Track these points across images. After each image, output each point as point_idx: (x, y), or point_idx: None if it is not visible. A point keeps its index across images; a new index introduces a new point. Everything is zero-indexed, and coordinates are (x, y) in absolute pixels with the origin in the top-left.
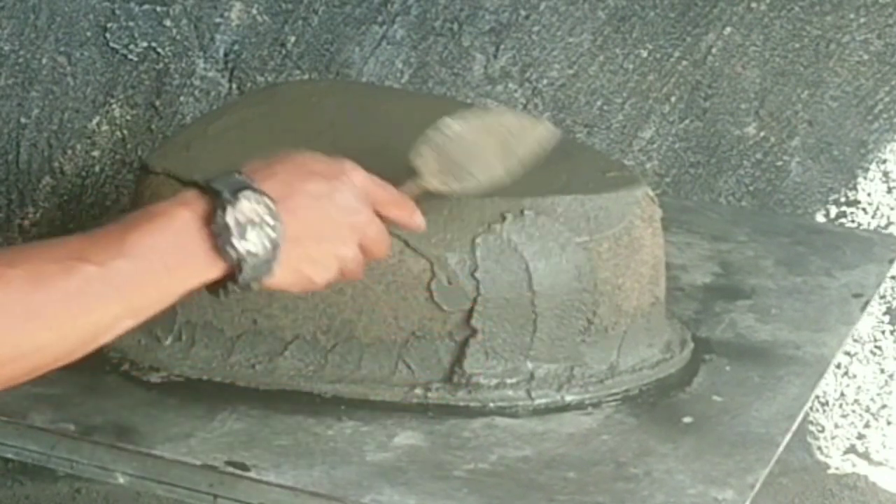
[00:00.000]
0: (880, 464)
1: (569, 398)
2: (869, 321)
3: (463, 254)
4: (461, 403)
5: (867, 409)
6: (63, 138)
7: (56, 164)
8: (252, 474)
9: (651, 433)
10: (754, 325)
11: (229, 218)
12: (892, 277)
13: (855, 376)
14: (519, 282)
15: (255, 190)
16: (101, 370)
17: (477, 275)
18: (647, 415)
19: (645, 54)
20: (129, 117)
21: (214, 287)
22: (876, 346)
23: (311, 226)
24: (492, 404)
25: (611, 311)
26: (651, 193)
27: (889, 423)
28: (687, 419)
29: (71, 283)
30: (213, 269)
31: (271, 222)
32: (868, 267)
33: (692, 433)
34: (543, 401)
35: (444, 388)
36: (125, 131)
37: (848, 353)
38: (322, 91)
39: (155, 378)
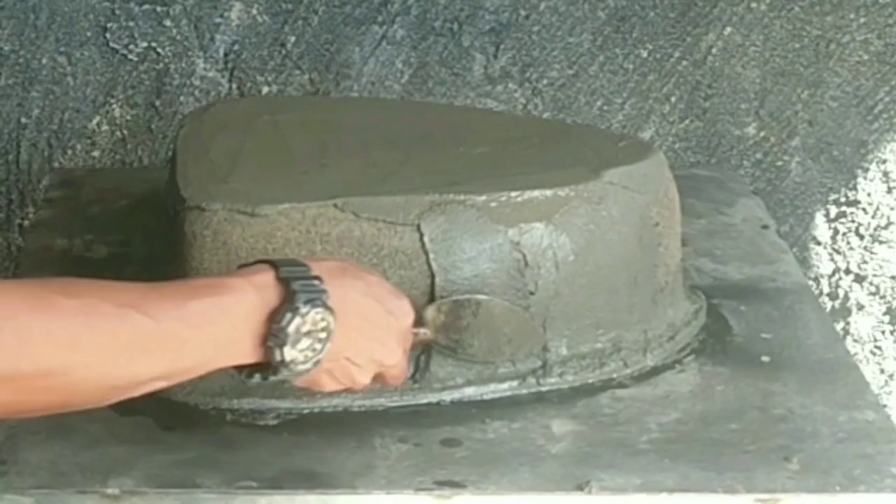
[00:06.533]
0: None
1: (653, 362)
2: (869, 321)
3: (537, 234)
4: (573, 385)
5: None
6: (63, 138)
7: (56, 165)
8: (470, 490)
9: (753, 377)
10: (717, 267)
11: (292, 327)
12: (892, 278)
13: None
14: (593, 255)
15: (325, 306)
16: (208, 422)
17: (554, 253)
18: (729, 362)
19: (645, 54)
20: (129, 117)
21: (241, 367)
22: (876, 346)
23: (351, 347)
24: (592, 379)
25: (664, 272)
26: (663, 156)
27: None
28: (765, 358)
29: (122, 329)
30: (251, 358)
31: (323, 337)
32: (742, 201)
33: (783, 370)
34: (637, 367)
35: (549, 373)
36: (125, 131)
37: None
38: (263, 110)
39: (270, 421)
